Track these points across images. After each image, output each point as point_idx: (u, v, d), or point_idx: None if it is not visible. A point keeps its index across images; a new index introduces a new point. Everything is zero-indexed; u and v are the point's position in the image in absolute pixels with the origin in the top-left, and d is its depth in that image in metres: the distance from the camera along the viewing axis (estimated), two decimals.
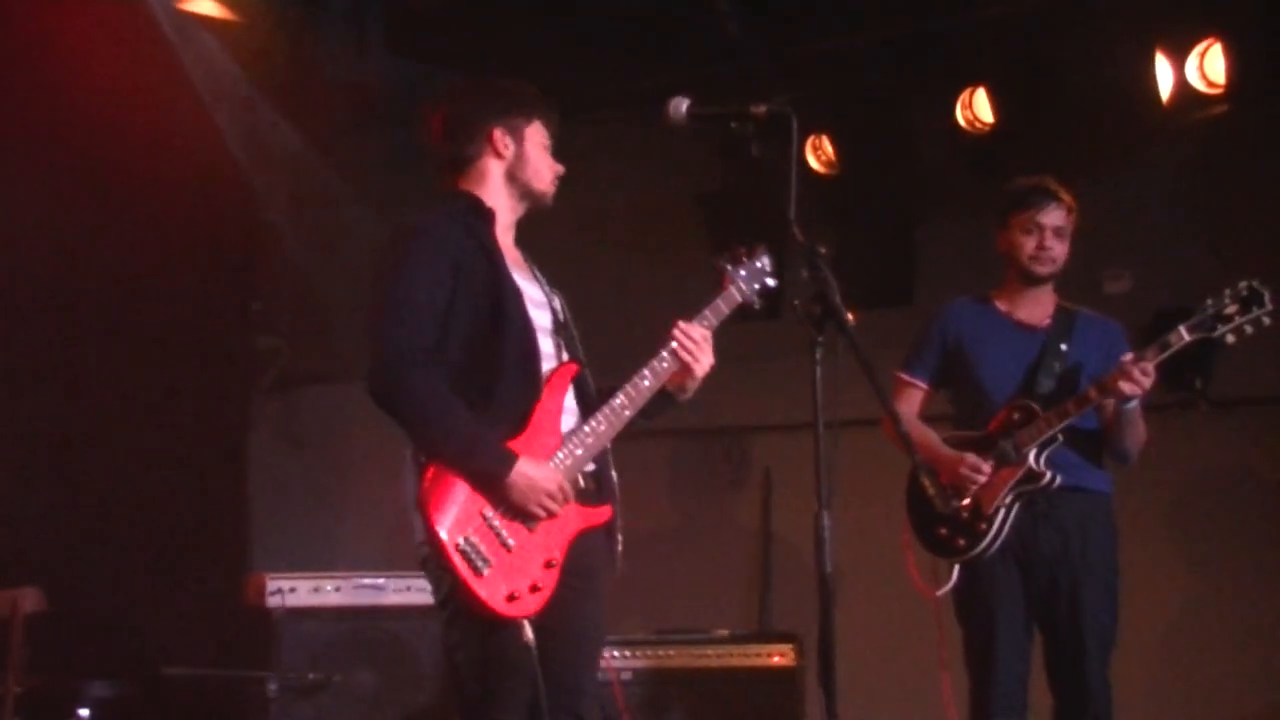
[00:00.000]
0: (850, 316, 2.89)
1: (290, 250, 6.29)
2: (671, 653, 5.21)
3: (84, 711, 4.95)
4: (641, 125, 3.47)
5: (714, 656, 5.21)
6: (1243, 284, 3.85)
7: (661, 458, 6.47)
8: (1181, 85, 5.14)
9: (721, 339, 3.38)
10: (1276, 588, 5.35)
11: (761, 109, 3.06)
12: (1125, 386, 3.83)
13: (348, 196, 6.28)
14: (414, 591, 5.14)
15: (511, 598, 3.04)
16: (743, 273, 3.38)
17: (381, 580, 5.18)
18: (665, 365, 3.27)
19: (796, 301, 3.17)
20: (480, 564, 3.03)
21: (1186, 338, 3.85)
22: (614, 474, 3.31)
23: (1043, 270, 4.12)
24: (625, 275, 6.38)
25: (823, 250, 2.97)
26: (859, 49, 5.75)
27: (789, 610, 6.00)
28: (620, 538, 3.30)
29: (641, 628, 5.33)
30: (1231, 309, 3.84)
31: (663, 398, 3.33)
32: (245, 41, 5.61)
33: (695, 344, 3.27)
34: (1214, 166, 5.45)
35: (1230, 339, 3.85)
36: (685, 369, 3.28)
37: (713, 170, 6.21)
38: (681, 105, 3.15)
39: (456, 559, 3.02)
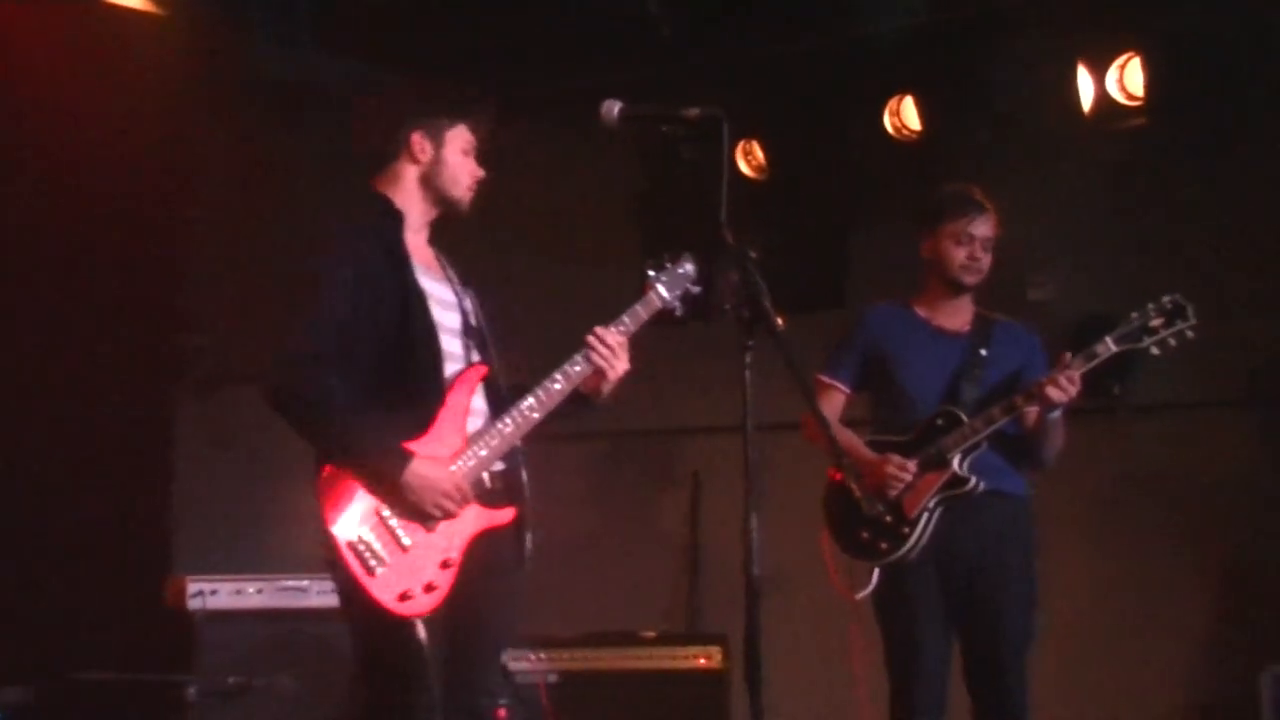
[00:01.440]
0: (780, 320, 2.92)
1: (216, 248, 6.21)
2: (599, 654, 5.21)
3: None
4: (572, 126, 3.48)
5: (641, 658, 5.21)
6: (1167, 298, 3.92)
7: (591, 460, 6.46)
8: (1102, 97, 5.24)
9: (653, 342, 3.39)
10: (1193, 588, 5.46)
11: (693, 112, 3.07)
12: (1053, 393, 3.89)
13: (275, 193, 6.21)
14: (337, 594, 5.09)
15: (404, 597, 3.06)
16: (664, 279, 3.39)
17: (305, 582, 5.12)
18: (578, 369, 3.29)
19: (727, 305, 3.21)
20: (373, 563, 3.05)
21: (1114, 348, 3.91)
22: (524, 474, 3.31)
23: (972, 280, 4.16)
24: (555, 275, 6.37)
25: (753, 254, 2.99)
26: (790, 55, 5.79)
27: (716, 612, 6.02)
28: (530, 536, 3.30)
29: (569, 629, 5.32)
30: (1157, 321, 3.90)
31: (579, 401, 3.34)
32: (171, 35, 5.53)
33: (610, 349, 3.28)
34: (1133, 176, 5.55)
35: (1155, 351, 3.92)
36: (599, 373, 3.29)
37: (643, 172, 6.22)
38: (614, 108, 3.15)
39: (349, 557, 3.04)
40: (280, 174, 6.20)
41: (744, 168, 5.94)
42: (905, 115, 5.65)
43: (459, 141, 3.35)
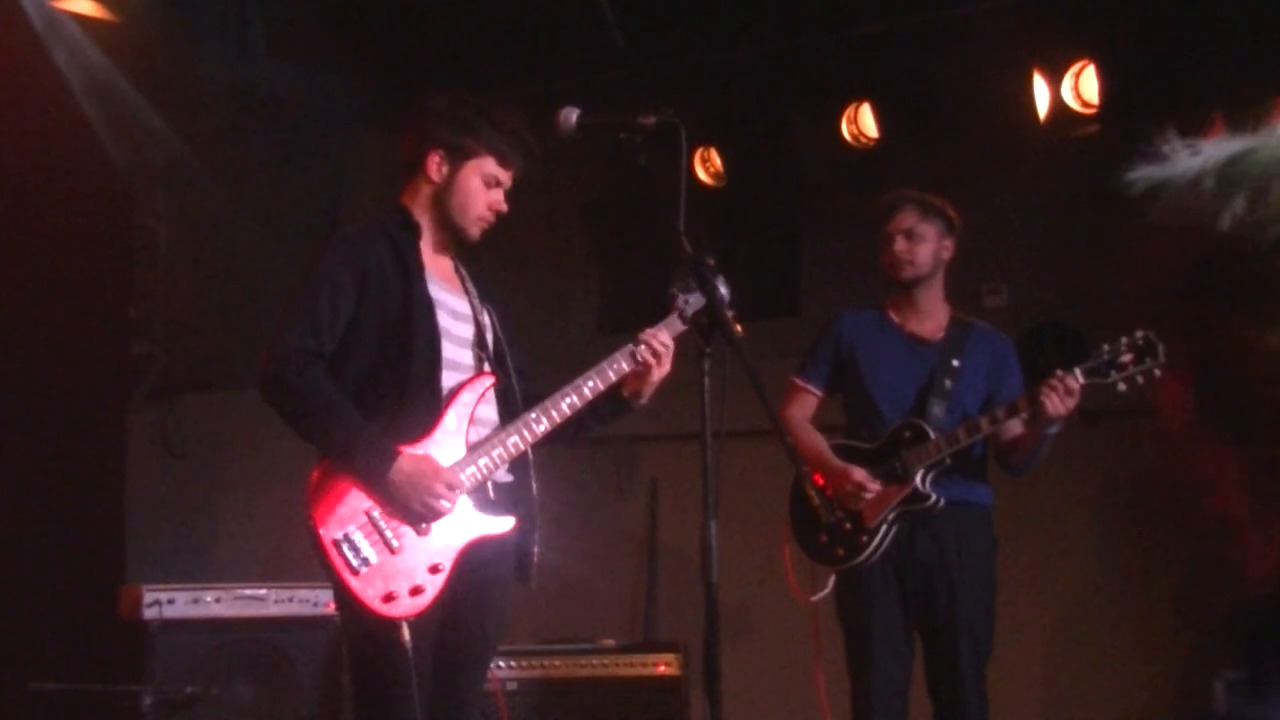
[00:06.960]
0: (738, 328, 2.91)
1: (168, 255, 6.15)
2: (557, 663, 5.19)
3: None
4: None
5: (599, 666, 5.20)
6: (1139, 334, 3.84)
7: (549, 466, 6.43)
8: (1057, 104, 5.28)
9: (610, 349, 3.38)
10: (1144, 593, 5.50)
11: (650, 120, 3.06)
12: (1050, 405, 3.82)
13: (227, 201, 6.17)
14: (296, 603, 5.06)
15: (389, 598, 3.06)
16: (690, 299, 3.37)
17: (263, 591, 5.09)
18: (617, 368, 3.30)
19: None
20: (357, 562, 3.05)
21: (1081, 381, 3.85)
22: (534, 488, 3.31)
23: (903, 275, 4.15)
24: (508, 282, 6.34)
25: (710, 261, 2.99)
26: (746, 61, 5.79)
27: (674, 620, 6.01)
28: (536, 551, 3.30)
29: (527, 637, 5.31)
30: (1126, 358, 3.84)
31: (618, 404, 3.37)
32: (124, 42, 5.48)
33: (658, 350, 3.30)
34: (1088, 183, 5.59)
35: (1122, 387, 3.86)
36: (641, 375, 3.32)
37: (598, 179, 6.21)
38: (571, 115, 3.14)
39: (333, 555, 3.06)
40: (232, 181, 6.15)
41: (702, 175, 5.94)
42: (862, 123, 5.67)
43: (479, 170, 3.31)
